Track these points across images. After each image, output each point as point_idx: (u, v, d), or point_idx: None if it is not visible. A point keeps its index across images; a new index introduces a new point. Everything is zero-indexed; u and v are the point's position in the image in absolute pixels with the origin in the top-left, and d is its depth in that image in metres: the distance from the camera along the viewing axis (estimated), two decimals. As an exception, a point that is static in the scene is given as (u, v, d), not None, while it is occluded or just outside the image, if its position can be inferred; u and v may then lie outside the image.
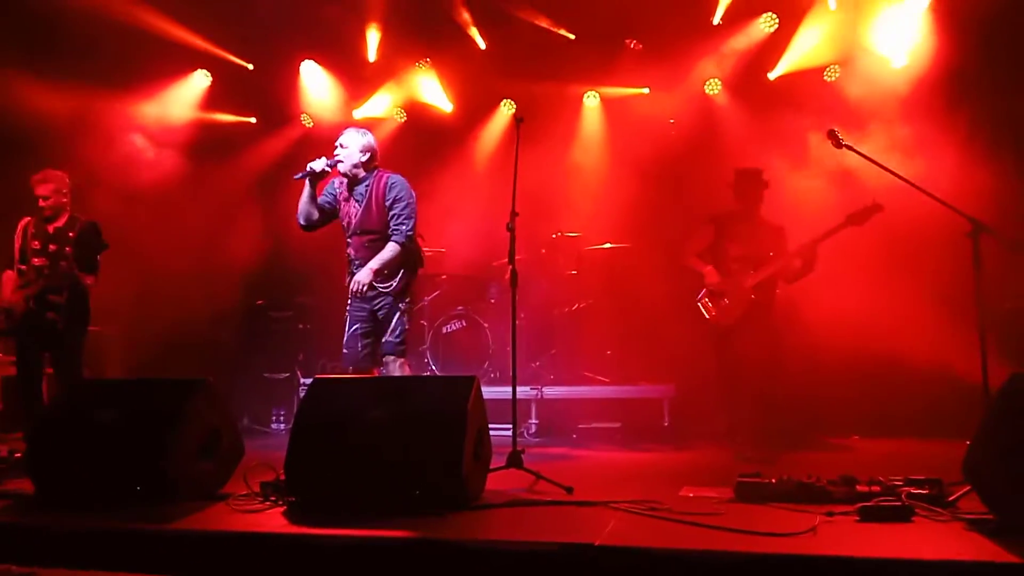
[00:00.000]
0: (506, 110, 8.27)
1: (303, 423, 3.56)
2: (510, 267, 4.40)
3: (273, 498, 3.45)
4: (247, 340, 8.11)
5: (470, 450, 3.42)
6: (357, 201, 5.00)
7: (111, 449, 3.59)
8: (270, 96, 8.49)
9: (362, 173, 5.01)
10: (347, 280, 5.00)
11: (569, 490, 3.67)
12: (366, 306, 4.96)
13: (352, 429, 3.46)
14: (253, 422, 7.69)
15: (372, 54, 8.13)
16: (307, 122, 8.60)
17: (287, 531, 2.99)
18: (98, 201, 6.57)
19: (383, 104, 8.51)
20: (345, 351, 5.02)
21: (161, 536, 2.97)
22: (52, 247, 5.39)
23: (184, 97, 8.20)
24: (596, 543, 2.63)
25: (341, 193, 5.08)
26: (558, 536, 2.75)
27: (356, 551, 2.80)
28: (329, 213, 5.11)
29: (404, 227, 4.92)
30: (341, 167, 4.95)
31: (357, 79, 8.36)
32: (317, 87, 8.38)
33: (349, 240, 5.05)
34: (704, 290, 5.68)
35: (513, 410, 4.29)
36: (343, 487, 3.36)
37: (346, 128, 5.14)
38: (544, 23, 7.76)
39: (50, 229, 5.46)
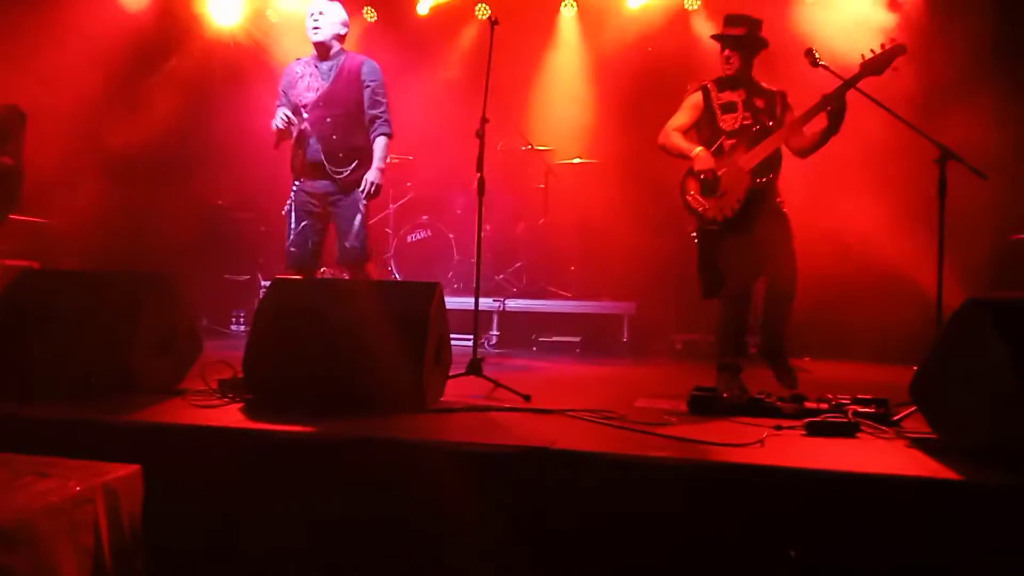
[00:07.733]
0: (480, 14, 8.02)
1: (263, 322, 3.52)
2: (478, 175, 4.34)
3: (231, 395, 3.44)
4: (207, 240, 7.96)
5: (431, 355, 3.43)
6: (322, 76, 4.72)
7: (68, 339, 3.53)
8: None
9: (336, 47, 4.75)
10: (295, 159, 4.73)
11: (527, 398, 3.72)
12: (316, 201, 4.72)
13: (312, 330, 3.43)
14: (212, 323, 7.63)
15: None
16: (273, 17, 8.27)
17: (244, 426, 2.99)
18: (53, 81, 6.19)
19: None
20: (293, 249, 4.75)
21: (118, 427, 2.95)
22: None
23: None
24: (552, 447, 2.68)
25: (300, 74, 4.75)
26: (514, 440, 2.78)
27: (313, 447, 2.82)
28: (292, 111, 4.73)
29: (388, 117, 4.75)
30: (319, 35, 4.65)
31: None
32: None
33: (306, 115, 4.69)
34: (691, 179, 4.38)
35: (475, 318, 4.30)
36: (301, 387, 3.35)
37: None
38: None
39: None
